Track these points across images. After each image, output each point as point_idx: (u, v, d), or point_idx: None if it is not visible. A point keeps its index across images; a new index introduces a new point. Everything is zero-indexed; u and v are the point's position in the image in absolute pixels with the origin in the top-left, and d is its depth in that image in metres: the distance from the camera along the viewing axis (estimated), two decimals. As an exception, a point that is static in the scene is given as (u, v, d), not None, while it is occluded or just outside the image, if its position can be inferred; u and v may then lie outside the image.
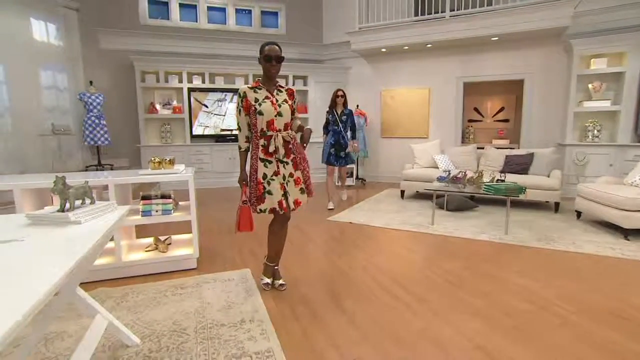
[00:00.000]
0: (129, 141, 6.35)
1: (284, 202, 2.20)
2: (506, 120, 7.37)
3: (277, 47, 2.21)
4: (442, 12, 5.85)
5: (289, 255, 3.08)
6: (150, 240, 2.91)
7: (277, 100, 2.23)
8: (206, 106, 6.67)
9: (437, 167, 5.26)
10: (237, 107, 2.25)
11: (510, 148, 6.18)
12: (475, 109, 7.65)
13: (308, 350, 1.74)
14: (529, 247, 3.24)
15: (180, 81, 6.47)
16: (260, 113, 2.17)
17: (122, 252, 2.59)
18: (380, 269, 2.77)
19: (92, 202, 1.54)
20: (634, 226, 3.29)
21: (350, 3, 6.75)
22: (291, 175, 2.23)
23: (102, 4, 6.18)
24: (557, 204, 4.45)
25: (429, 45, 6.25)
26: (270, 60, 2.18)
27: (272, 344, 1.77)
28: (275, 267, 2.49)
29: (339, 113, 4.65)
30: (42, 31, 5.55)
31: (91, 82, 5.77)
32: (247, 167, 2.28)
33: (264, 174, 2.20)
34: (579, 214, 4.11)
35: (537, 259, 2.99)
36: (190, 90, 6.51)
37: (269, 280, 2.44)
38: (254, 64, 6.75)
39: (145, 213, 2.66)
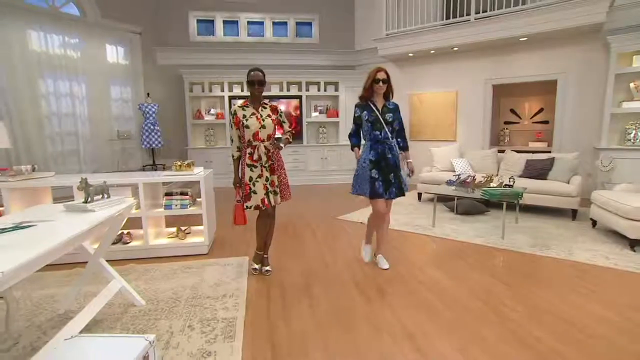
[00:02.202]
0: (179, 144, 7.30)
1: (265, 199, 2.64)
2: (546, 122, 6.97)
3: (260, 73, 2.65)
4: (467, 15, 5.81)
5: (287, 246, 3.52)
6: (174, 229, 3.55)
7: (261, 116, 2.68)
8: (245, 112, 7.38)
9: (455, 171, 5.29)
10: (230, 123, 2.75)
11: (547, 152, 5.91)
12: (512, 111, 7.35)
13: (263, 321, 2.16)
14: (519, 252, 3.29)
15: (222, 90, 7.26)
16: (247, 127, 2.64)
17: (150, 238, 3.25)
18: (360, 265, 3.07)
19: (108, 197, 2.13)
20: (639, 237, 3.14)
21: (381, 9, 6.96)
22: (268, 178, 2.67)
23: (159, 25, 7.20)
24: (574, 211, 4.28)
25: (455, 49, 6.24)
26: (254, 84, 2.64)
27: (238, 314, 2.23)
28: (265, 256, 2.94)
29: (380, 108, 2.81)
30: (114, 53, 6.69)
31: (148, 94, 6.79)
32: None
33: (250, 177, 2.66)
34: (594, 222, 3.93)
35: (519, 263, 3.05)
36: (230, 98, 7.27)
37: (257, 266, 2.90)
38: (287, 73, 7.40)
39: (167, 206, 3.30)
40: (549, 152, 5.69)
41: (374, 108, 2.80)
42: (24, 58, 5.44)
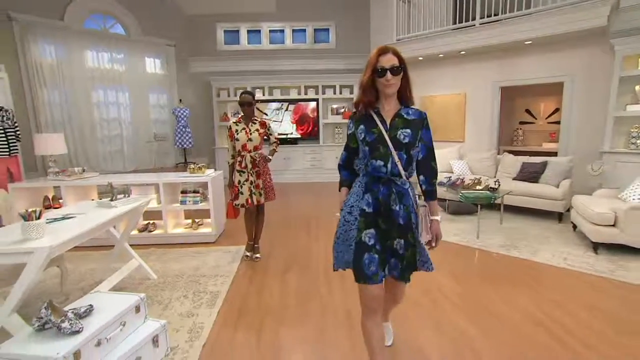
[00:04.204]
0: (207, 144, 8.16)
1: (249, 199, 3.24)
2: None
3: (248, 96, 3.22)
4: (472, 19, 5.95)
5: (281, 237, 4.10)
6: (189, 221, 4.27)
7: (250, 130, 3.26)
8: (266, 114, 8.05)
9: (452, 173, 5.55)
10: (227, 136, 3.36)
11: (555, 153, 5.94)
12: (527, 111, 7.31)
13: (239, 295, 2.76)
14: (485, 251, 3.60)
15: (246, 95, 7.98)
16: (237, 139, 3.24)
17: (169, 227, 3.99)
18: (337, 255, 3.57)
19: (128, 196, 2.83)
20: (600, 240, 3.33)
21: (392, 15, 7.23)
22: (253, 182, 3.25)
23: (191, 37, 8.05)
24: (560, 214, 4.42)
25: (462, 52, 6.39)
26: (243, 105, 3.22)
27: (222, 289, 2.85)
28: (255, 245, 3.55)
29: (387, 120, 1.59)
30: (152, 65, 7.63)
31: (181, 100, 7.68)
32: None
33: (239, 180, 3.26)
34: (575, 226, 4.08)
35: (481, 261, 3.38)
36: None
37: (248, 254, 3.52)
38: (305, 77, 7.95)
39: (183, 202, 4.01)
40: (555, 154, 5.73)
41: (377, 121, 1.59)
42: (82, 74, 6.49)
